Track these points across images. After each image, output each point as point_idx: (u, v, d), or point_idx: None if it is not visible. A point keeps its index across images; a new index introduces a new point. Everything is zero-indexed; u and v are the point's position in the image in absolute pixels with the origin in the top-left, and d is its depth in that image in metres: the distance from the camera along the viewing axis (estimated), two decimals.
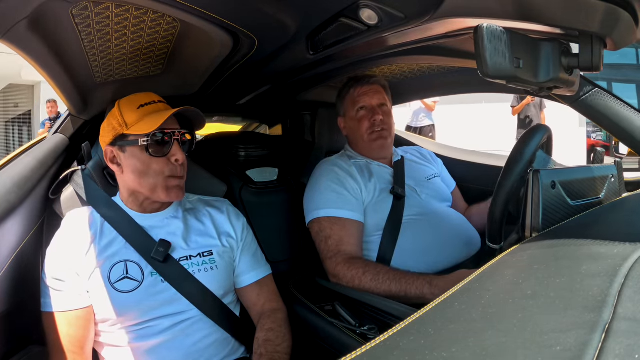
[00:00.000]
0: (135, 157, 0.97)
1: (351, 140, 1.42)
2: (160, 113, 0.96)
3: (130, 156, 0.97)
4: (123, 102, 0.99)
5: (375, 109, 1.35)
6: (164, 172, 0.97)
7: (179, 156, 0.97)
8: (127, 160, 0.98)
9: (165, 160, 0.97)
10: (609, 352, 0.27)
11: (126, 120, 0.96)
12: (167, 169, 0.97)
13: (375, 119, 1.33)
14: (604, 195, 0.82)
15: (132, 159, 0.97)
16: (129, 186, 1.00)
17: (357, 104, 1.36)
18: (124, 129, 0.96)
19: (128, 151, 0.97)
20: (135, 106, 0.98)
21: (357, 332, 1.02)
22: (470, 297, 0.42)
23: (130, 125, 0.96)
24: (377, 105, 1.35)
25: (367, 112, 1.35)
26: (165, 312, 0.94)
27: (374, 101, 1.35)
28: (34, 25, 0.76)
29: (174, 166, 0.98)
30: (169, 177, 0.97)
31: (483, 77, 0.60)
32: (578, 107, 1.11)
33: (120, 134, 0.97)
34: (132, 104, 0.98)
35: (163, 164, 0.97)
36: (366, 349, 0.34)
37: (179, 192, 0.99)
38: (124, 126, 0.96)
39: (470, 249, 1.26)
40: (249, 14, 0.84)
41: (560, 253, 0.50)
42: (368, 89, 1.36)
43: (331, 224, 1.20)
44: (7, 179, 0.96)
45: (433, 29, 0.81)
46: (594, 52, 0.65)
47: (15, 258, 0.91)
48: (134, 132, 0.95)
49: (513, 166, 0.91)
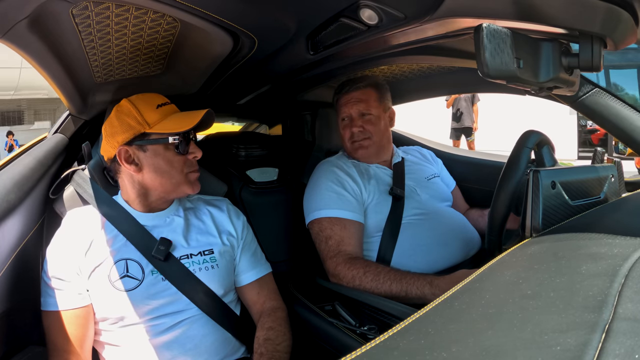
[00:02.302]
0: (159, 156, 0.97)
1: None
2: (185, 114, 1.00)
3: (152, 155, 0.97)
4: (138, 101, 0.98)
5: (354, 120, 1.34)
6: (185, 169, 1.00)
7: (198, 153, 1.01)
8: (148, 159, 0.97)
9: (185, 158, 1.00)
10: (609, 352, 0.27)
11: (147, 119, 0.96)
12: (186, 165, 1.00)
13: (353, 130, 1.34)
14: (604, 195, 0.82)
15: (154, 157, 0.97)
16: (144, 185, 1.00)
17: (340, 113, 1.38)
18: (145, 127, 0.96)
19: (150, 150, 0.97)
20: (153, 106, 0.98)
21: (357, 332, 1.02)
22: (470, 297, 0.42)
23: (153, 124, 0.96)
24: (358, 116, 1.34)
25: (348, 122, 1.36)
26: (165, 311, 0.94)
27: (353, 111, 1.34)
28: (34, 25, 0.76)
29: (191, 162, 1.02)
30: (191, 172, 1.02)
31: (483, 77, 0.60)
32: (578, 107, 1.11)
33: (141, 133, 0.96)
34: (149, 104, 0.98)
35: (183, 161, 1.00)
36: (366, 349, 0.34)
37: (198, 184, 1.04)
38: (144, 125, 0.96)
39: (470, 249, 1.26)
40: (249, 14, 0.84)
41: (560, 253, 0.50)
42: (349, 98, 1.35)
43: (331, 225, 1.20)
44: (7, 179, 0.96)
45: (433, 29, 0.81)
46: (594, 52, 0.65)
47: (16, 257, 0.91)
48: (158, 130, 0.95)
49: (513, 168, 0.91)
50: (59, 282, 0.91)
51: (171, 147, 0.98)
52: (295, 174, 1.53)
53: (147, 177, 0.99)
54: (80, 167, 1.11)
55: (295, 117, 1.78)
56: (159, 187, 1.00)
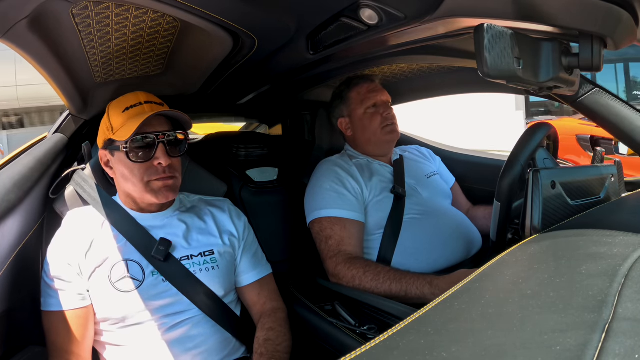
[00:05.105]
0: (121, 163, 0.97)
1: (356, 140, 1.40)
2: (139, 117, 0.94)
3: (117, 161, 0.98)
4: (112, 105, 1.00)
5: (386, 104, 1.37)
6: (145, 177, 0.95)
7: (163, 160, 0.94)
8: (115, 165, 0.99)
9: (147, 165, 0.95)
10: (609, 352, 0.27)
11: (112, 124, 0.97)
12: (147, 172, 0.95)
13: (388, 113, 1.35)
14: (604, 195, 0.82)
15: (118, 164, 0.98)
16: (122, 189, 1.01)
17: (366, 101, 1.37)
18: (111, 133, 0.97)
19: (116, 156, 0.98)
20: (121, 109, 0.97)
21: (357, 332, 1.02)
22: (470, 297, 0.42)
23: (116, 130, 0.96)
24: (386, 102, 1.38)
25: (378, 108, 1.36)
26: (166, 312, 0.94)
27: (385, 97, 1.38)
28: (34, 25, 0.76)
29: (156, 169, 0.95)
30: (153, 180, 0.95)
31: (483, 77, 0.60)
32: (578, 107, 1.11)
33: (108, 139, 0.98)
34: (118, 107, 0.98)
35: (144, 168, 0.95)
36: (366, 348, 0.34)
37: (167, 193, 0.96)
38: (110, 131, 0.97)
39: (471, 248, 1.26)
40: (249, 14, 0.84)
41: (560, 253, 0.50)
42: (374, 87, 1.38)
43: (332, 224, 1.20)
44: (7, 178, 0.96)
45: (433, 29, 0.81)
46: (594, 52, 0.65)
47: (16, 257, 0.91)
48: (117, 137, 0.95)
49: (513, 164, 0.91)
50: (59, 283, 0.91)
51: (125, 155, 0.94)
52: (295, 174, 1.53)
53: (119, 182, 1.00)
54: (80, 167, 1.11)
55: (295, 117, 1.78)
56: (131, 192, 0.99)
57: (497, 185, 0.92)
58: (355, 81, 1.40)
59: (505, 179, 0.91)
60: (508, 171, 0.91)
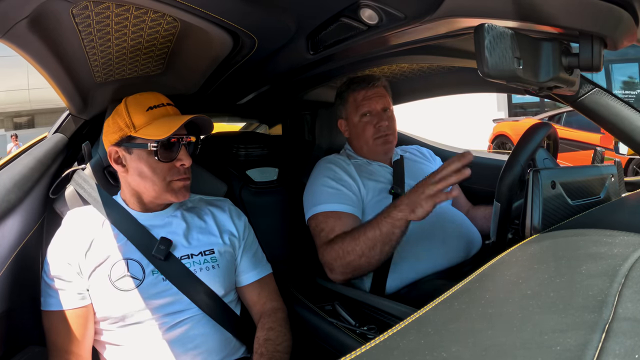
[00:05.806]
0: (141, 160, 0.96)
1: (353, 143, 1.41)
2: (171, 119, 0.96)
3: (136, 159, 0.97)
4: (131, 102, 0.98)
5: (380, 114, 1.33)
6: (167, 177, 0.97)
7: (186, 161, 0.98)
8: (132, 163, 0.98)
9: (170, 165, 0.97)
10: (609, 352, 0.27)
11: (134, 122, 0.96)
12: (170, 172, 0.97)
13: (380, 124, 1.31)
14: (604, 195, 0.82)
15: (138, 161, 0.97)
16: (132, 187, 1.00)
17: (360, 109, 1.34)
18: (132, 130, 0.96)
19: (135, 153, 0.97)
20: (143, 108, 0.97)
21: (357, 332, 1.02)
22: (470, 297, 0.42)
23: (139, 128, 0.95)
24: (382, 110, 1.33)
25: (372, 117, 1.33)
26: (166, 311, 0.94)
27: (379, 106, 1.33)
28: (34, 25, 0.76)
29: (178, 169, 0.98)
30: (174, 180, 0.98)
31: (483, 77, 0.60)
32: (578, 107, 1.11)
33: (127, 136, 0.96)
34: (140, 105, 0.97)
35: (167, 168, 0.97)
36: (366, 349, 0.34)
37: (185, 193, 1.00)
38: (131, 128, 0.96)
39: (471, 248, 1.26)
40: (249, 14, 0.84)
41: (560, 253, 0.50)
42: (372, 94, 1.33)
43: (326, 218, 1.20)
44: (7, 178, 0.96)
45: (433, 29, 0.81)
46: (594, 52, 0.65)
47: (16, 257, 0.91)
48: (142, 135, 0.95)
49: (513, 164, 0.91)
50: (59, 282, 0.91)
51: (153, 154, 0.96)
52: (295, 173, 1.53)
53: (132, 180, 0.99)
54: (80, 167, 1.11)
55: (295, 117, 1.78)
56: (145, 191, 0.99)
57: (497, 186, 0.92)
58: (354, 86, 1.36)
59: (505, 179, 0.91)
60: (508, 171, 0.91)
